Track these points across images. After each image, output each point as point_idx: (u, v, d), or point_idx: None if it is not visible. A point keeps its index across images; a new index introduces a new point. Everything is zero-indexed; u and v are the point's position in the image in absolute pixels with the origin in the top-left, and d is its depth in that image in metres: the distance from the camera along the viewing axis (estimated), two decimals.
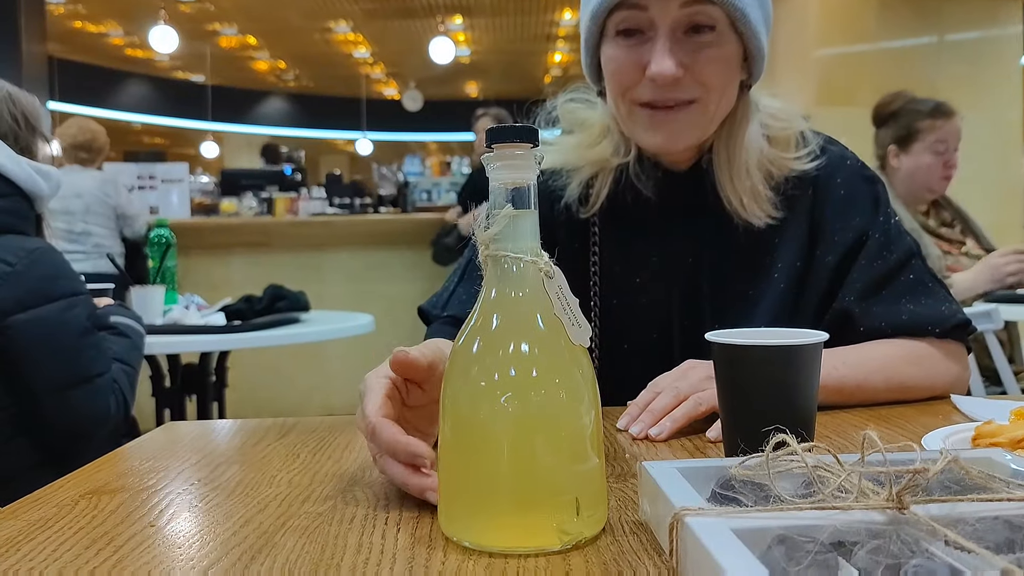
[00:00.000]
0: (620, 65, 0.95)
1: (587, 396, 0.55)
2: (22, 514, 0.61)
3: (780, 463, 0.49)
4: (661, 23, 0.92)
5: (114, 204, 4.16)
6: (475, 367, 0.55)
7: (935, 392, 0.95)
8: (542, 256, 0.55)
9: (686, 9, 0.91)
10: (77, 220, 4.13)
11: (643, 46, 0.93)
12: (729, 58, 0.94)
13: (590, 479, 0.54)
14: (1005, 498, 0.45)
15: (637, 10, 0.92)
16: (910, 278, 0.99)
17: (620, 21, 0.94)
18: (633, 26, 0.94)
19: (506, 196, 0.55)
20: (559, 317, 0.54)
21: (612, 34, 0.96)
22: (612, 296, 1.04)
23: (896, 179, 2.43)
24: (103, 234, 4.16)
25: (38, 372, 1.44)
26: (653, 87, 0.93)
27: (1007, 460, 0.54)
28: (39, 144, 1.63)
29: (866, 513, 0.44)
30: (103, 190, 4.15)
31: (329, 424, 0.90)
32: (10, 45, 7.85)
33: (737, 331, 0.70)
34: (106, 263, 4.01)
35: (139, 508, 0.62)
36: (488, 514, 0.53)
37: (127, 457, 0.79)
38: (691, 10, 0.91)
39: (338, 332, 2.08)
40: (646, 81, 0.93)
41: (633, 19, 0.93)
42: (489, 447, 0.53)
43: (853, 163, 1.04)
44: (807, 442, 0.67)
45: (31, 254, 1.44)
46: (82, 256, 4.13)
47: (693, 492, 0.50)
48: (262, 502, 0.63)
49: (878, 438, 0.46)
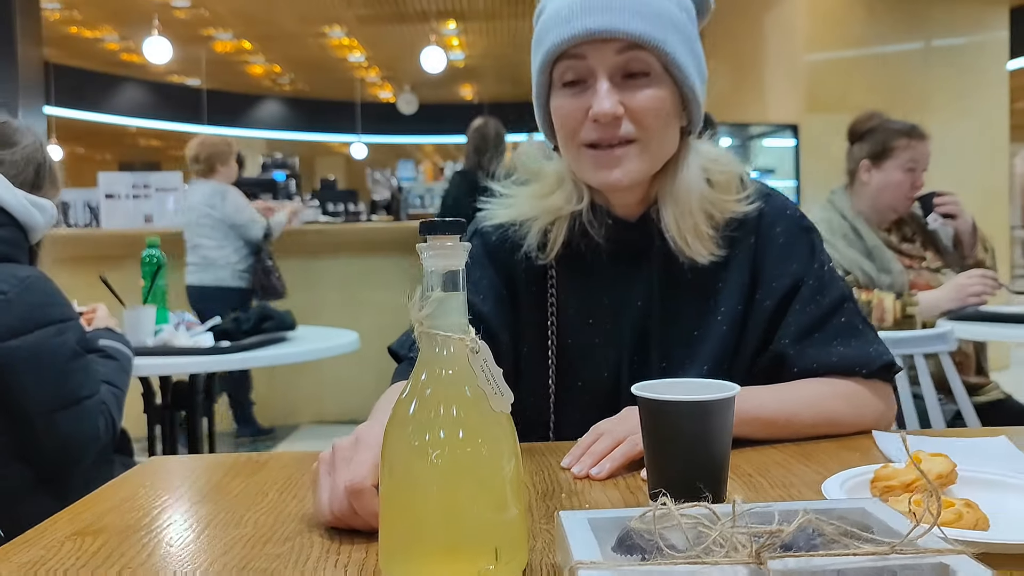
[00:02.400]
0: (567, 111, 1.04)
1: (508, 455, 0.62)
2: (13, 556, 0.69)
3: (669, 519, 0.57)
4: (600, 70, 1.00)
5: (220, 215, 4.27)
6: (411, 426, 0.62)
7: (862, 427, 1.03)
8: (469, 332, 0.63)
9: (621, 56, 1.00)
10: (191, 233, 4.36)
11: (585, 93, 1.02)
12: (664, 99, 1.02)
13: (509, 528, 0.61)
14: (850, 553, 0.52)
15: (577, 59, 1.01)
16: (841, 321, 1.07)
17: (564, 72, 1.03)
18: (576, 77, 1.02)
19: (439, 281, 0.62)
20: (482, 388, 0.61)
21: (559, 85, 1.04)
22: (567, 335, 1.12)
23: (864, 194, 2.50)
24: (210, 245, 4.30)
25: (29, 395, 1.50)
26: (596, 127, 1.01)
27: (876, 510, 0.61)
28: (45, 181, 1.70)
29: (733, 568, 0.52)
30: (208, 203, 4.28)
31: (298, 460, 0.97)
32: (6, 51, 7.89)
33: (661, 382, 0.78)
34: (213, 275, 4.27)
35: (118, 548, 0.69)
36: (419, 558, 0.60)
37: (112, 495, 0.86)
38: (626, 56, 1.00)
39: (323, 352, 2.16)
40: (589, 122, 1.01)
41: (575, 68, 1.02)
42: (420, 498, 0.61)
43: (792, 213, 1.12)
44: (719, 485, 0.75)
45: (23, 281, 1.51)
46: (193, 268, 4.36)
47: (594, 543, 0.57)
48: (228, 543, 0.70)
49: (743, 502, 0.54)
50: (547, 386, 1.13)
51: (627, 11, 0.97)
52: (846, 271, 2.40)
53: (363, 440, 0.73)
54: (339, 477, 0.71)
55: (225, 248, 4.32)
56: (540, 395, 1.13)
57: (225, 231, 4.32)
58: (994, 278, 2.32)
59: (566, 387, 1.12)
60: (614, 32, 0.98)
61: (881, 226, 2.52)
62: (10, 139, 1.66)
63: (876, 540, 0.54)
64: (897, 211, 2.51)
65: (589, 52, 1.00)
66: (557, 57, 1.02)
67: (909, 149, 2.46)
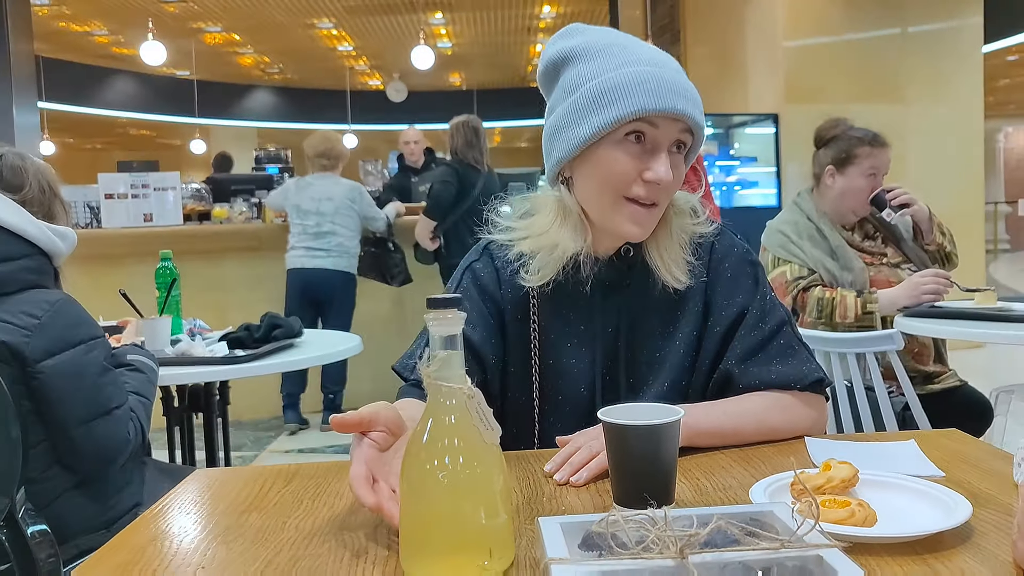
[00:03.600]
0: (623, 166, 1.18)
1: (497, 474, 0.81)
2: (107, 560, 0.87)
3: (619, 525, 0.75)
4: (664, 140, 1.18)
5: (358, 209, 4.94)
6: (423, 453, 0.81)
7: (797, 433, 1.22)
8: (466, 382, 0.81)
9: (681, 134, 1.19)
10: (326, 221, 4.85)
11: (644, 155, 1.18)
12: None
13: (500, 531, 0.80)
14: (750, 548, 0.71)
15: (651, 126, 1.17)
16: (780, 343, 1.25)
17: (632, 130, 1.17)
18: (642, 138, 1.18)
19: (441, 343, 0.81)
20: (476, 425, 0.80)
21: (621, 137, 1.17)
22: (549, 357, 1.30)
23: (828, 197, 2.69)
24: (346, 235, 4.91)
25: (65, 408, 1.67)
26: (648, 188, 1.18)
27: (780, 512, 0.80)
28: (57, 208, 1.87)
29: (663, 561, 0.70)
30: (349, 196, 4.91)
31: (325, 470, 1.16)
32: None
33: (621, 407, 0.97)
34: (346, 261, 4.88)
35: (191, 552, 0.88)
36: (431, 557, 0.79)
37: (173, 505, 1.05)
38: (684, 135, 1.19)
39: (328, 357, 2.35)
40: (641, 181, 1.18)
41: (646, 132, 1.17)
42: (431, 509, 0.79)
43: (739, 250, 1.31)
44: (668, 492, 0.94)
45: (53, 306, 1.67)
46: (323, 253, 4.86)
47: (563, 543, 0.76)
48: (278, 546, 0.89)
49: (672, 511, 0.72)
50: (532, 400, 1.31)
51: (690, 99, 1.17)
52: (811, 270, 2.59)
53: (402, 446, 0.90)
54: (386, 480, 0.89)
55: (355, 240, 4.98)
56: (526, 408, 1.31)
57: (358, 223, 4.96)
58: (947, 277, 2.52)
59: (548, 401, 1.31)
60: (688, 115, 1.16)
61: (845, 226, 2.71)
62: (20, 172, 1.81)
63: (771, 537, 0.73)
64: (858, 214, 2.70)
65: (663, 124, 1.16)
66: (638, 119, 1.16)
67: (871, 157, 2.64)
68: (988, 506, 0.92)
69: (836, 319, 2.49)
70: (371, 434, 0.92)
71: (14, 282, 1.64)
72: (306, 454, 4.57)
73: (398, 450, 0.92)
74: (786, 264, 2.60)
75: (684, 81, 1.19)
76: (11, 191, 1.74)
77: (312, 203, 4.85)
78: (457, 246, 4.94)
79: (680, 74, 1.20)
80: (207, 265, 5.18)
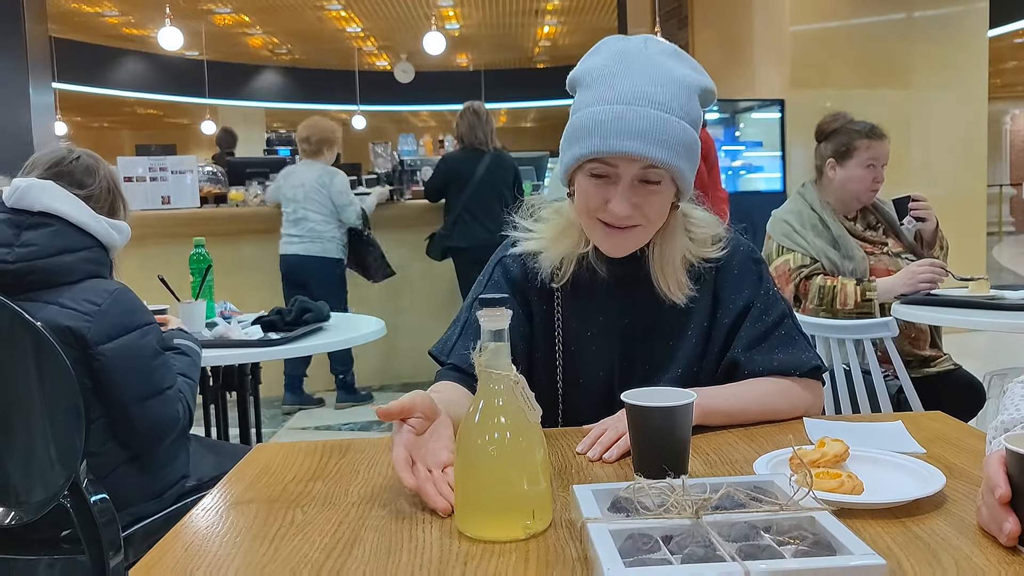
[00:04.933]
0: (589, 196, 1.31)
1: (538, 448, 0.95)
2: (198, 522, 1.01)
3: (643, 491, 0.89)
4: (624, 176, 1.27)
5: (328, 194, 4.87)
6: (476, 430, 0.95)
7: (796, 414, 1.36)
8: (512, 369, 0.95)
9: (642, 170, 1.27)
10: (300, 207, 4.88)
11: (607, 187, 1.29)
12: (666, 199, 1.32)
13: (541, 496, 0.94)
14: (754, 511, 0.85)
15: (608, 165, 1.27)
16: (781, 334, 1.39)
17: (594, 167, 1.29)
18: (602, 172, 1.29)
19: (491, 336, 0.94)
20: (521, 406, 0.94)
21: (587, 173, 1.29)
22: (571, 344, 1.44)
23: (831, 188, 2.82)
24: (317, 219, 4.93)
25: (123, 388, 1.82)
26: (611, 216, 1.29)
27: (780, 482, 0.94)
28: (118, 204, 2.01)
29: (681, 520, 0.84)
30: (319, 180, 4.88)
31: (374, 445, 1.30)
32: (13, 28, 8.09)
33: (642, 391, 1.10)
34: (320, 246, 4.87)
35: (270, 516, 1.02)
36: (482, 517, 0.93)
37: (246, 476, 1.19)
38: (645, 171, 1.27)
39: (353, 341, 2.51)
40: (605, 210, 1.30)
41: (604, 169, 1.28)
42: (483, 477, 0.93)
43: (745, 248, 1.44)
44: (683, 464, 1.08)
45: (112, 294, 1.81)
46: (297, 239, 4.91)
47: (595, 506, 0.90)
48: (345, 508, 1.03)
49: (688, 479, 0.86)
50: (556, 383, 1.45)
51: (655, 140, 1.23)
52: (813, 259, 2.72)
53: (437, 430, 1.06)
54: (423, 461, 1.03)
55: (331, 223, 4.90)
56: (550, 390, 1.45)
57: (331, 208, 4.89)
58: (942, 267, 2.65)
59: (570, 384, 1.45)
60: (642, 156, 1.23)
61: (847, 215, 2.84)
62: (92, 172, 1.96)
63: (772, 502, 0.87)
64: (860, 201, 2.82)
65: (619, 163, 1.26)
66: (593, 158, 1.27)
67: (870, 149, 2.77)
68: (961, 478, 1.06)
69: (837, 306, 2.62)
70: (409, 420, 1.07)
71: (77, 272, 1.78)
72: (322, 431, 4.72)
73: (433, 432, 1.08)
74: (789, 253, 2.73)
75: (654, 118, 1.22)
76: (79, 187, 1.88)
77: (291, 190, 4.94)
78: (462, 230, 5.06)
79: (657, 109, 1.23)
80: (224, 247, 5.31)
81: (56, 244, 1.77)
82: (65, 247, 1.78)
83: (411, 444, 1.05)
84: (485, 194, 5.02)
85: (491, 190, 5.03)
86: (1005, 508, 0.84)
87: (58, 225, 1.78)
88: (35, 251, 1.75)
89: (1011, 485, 0.84)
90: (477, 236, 4.99)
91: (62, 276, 1.78)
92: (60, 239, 1.78)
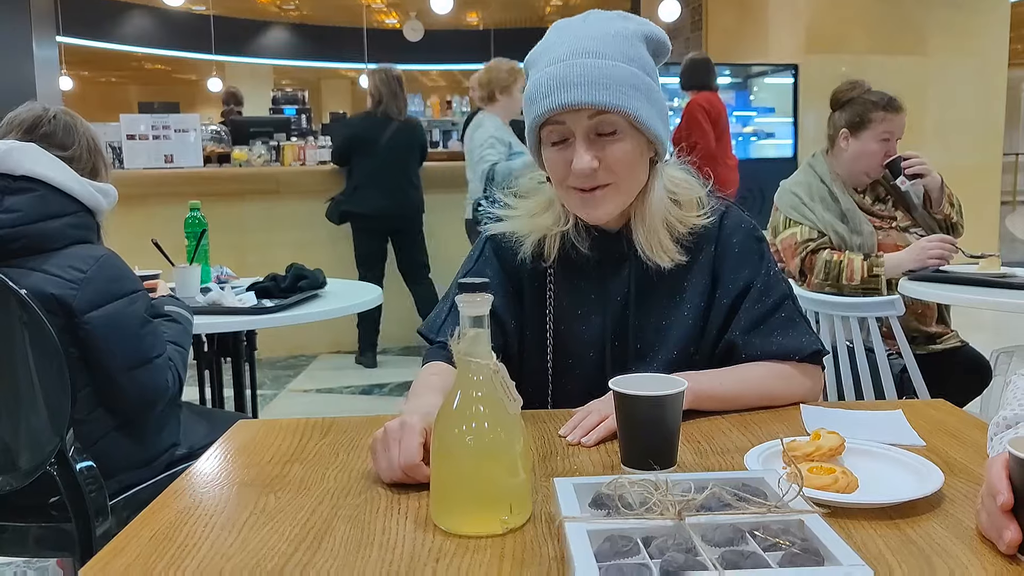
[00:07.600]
0: (554, 164, 1.29)
1: (517, 439, 0.91)
2: (172, 503, 0.98)
3: (625, 487, 0.85)
4: (577, 131, 1.25)
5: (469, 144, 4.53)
6: (452, 418, 0.91)
7: (794, 400, 1.32)
8: (492, 357, 0.91)
9: (592, 120, 1.24)
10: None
11: (568, 149, 1.26)
12: (630, 150, 1.26)
13: (519, 489, 0.90)
14: (740, 512, 0.81)
15: (558, 124, 1.25)
16: (781, 316, 1.34)
17: (549, 133, 1.27)
18: (559, 137, 1.27)
19: (470, 322, 0.90)
20: (500, 397, 0.90)
21: (547, 143, 1.29)
22: (561, 323, 1.40)
23: (841, 159, 2.74)
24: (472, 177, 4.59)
25: (110, 357, 1.78)
26: (577, 177, 1.26)
27: (770, 479, 0.90)
28: (100, 165, 1.95)
29: (663, 521, 0.80)
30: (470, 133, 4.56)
31: (357, 424, 1.26)
32: None
33: (632, 377, 1.06)
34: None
35: (246, 498, 0.98)
36: (458, 510, 0.90)
37: (223, 454, 1.15)
38: (596, 120, 1.24)
39: (350, 309, 2.47)
40: (572, 174, 1.26)
41: (558, 131, 1.26)
42: (459, 468, 0.90)
43: (747, 226, 1.38)
44: (671, 455, 1.04)
45: (98, 260, 1.77)
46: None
47: (575, 502, 0.86)
48: (320, 495, 0.99)
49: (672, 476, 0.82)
50: (546, 362, 1.41)
51: (594, 85, 1.21)
52: (821, 232, 2.66)
53: (408, 426, 1.01)
54: (394, 456, 0.99)
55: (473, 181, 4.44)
56: (540, 370, 1.41)
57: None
58: (952, 243, 2.58)
59: (561, 363, 1.41)
60: (584, 104, 1.21)
61: (857, 188, 2.77)
62: (72, 132, 1.90)
63: (759, 503, 0.83)
64: (871, 176, 2.75)
65: (567, 119, 1.24)
66: (543, 122, 1.27)
67: (885, 122, 2.69)
68: (960, 476, 1.02)
69: (843, 281, 2.57)
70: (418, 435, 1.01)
71: (62, 238, 1.74)
72: (323, 394, 4.72)
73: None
74: (797, 226, 2.67)
75: (590, 65, 1.21)
76: (61, 149, 1.83)
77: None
78: (362, 196, 4.89)
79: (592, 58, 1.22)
80: (227, 207, 5.26)
81: (41, 210, 1.72)
82: (50, 213, 1.73)
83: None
84: (390, 163, 4.84)
85: (396, 159, 4.86)
86: (1006, 515, 0.80)
87: (42, 190, 1.73)
88: (19, 217, 1.70)
89: (1014, 491, 0.80)
90: (375, 204, 4.85)
91: (48, 242, 1.73)
92: (45, 204, 1.73)
